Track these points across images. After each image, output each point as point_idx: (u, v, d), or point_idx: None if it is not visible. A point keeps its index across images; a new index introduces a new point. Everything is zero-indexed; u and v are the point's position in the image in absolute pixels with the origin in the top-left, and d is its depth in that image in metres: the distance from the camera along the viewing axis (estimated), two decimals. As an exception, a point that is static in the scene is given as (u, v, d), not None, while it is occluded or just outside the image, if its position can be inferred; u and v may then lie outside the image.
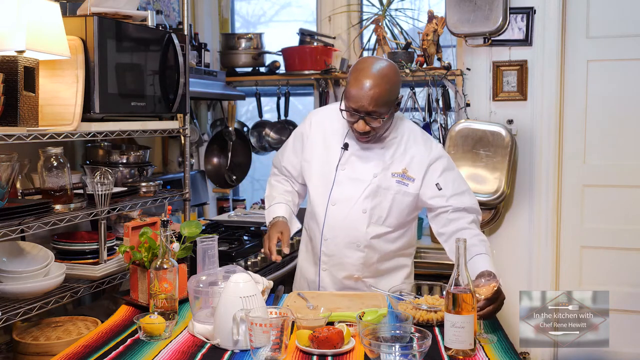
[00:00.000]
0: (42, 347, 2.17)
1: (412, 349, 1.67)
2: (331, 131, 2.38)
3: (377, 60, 2.23)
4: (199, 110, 4.19)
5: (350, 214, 2.31)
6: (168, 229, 2.00)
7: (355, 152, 2.32)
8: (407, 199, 2.30)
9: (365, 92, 2.13)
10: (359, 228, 2.31)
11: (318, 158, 2.38)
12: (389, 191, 2.29)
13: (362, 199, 2.29)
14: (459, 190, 2.31)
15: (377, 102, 2.14)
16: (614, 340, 1.96)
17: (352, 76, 2.19)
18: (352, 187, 2.31)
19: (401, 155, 2.31)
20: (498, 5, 3.29)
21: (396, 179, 2.29)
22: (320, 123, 2.43)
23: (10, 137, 2.00)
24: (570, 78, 3.40)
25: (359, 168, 2.31)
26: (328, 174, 2.34)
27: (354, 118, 2.20)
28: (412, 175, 2.29)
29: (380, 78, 2.15)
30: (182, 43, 2.79)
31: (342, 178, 2.32)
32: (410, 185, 2.29)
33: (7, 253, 2.21)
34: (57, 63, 2.27)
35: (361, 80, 2.15)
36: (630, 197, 3.37)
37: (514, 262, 3.43)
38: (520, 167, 3.44)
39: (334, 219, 2.32)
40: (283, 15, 4.46)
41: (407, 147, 2.32)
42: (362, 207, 2.30)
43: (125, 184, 2.77)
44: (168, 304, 1.97)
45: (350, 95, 2.16)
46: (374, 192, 2.29)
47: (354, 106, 2.17)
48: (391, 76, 2.19)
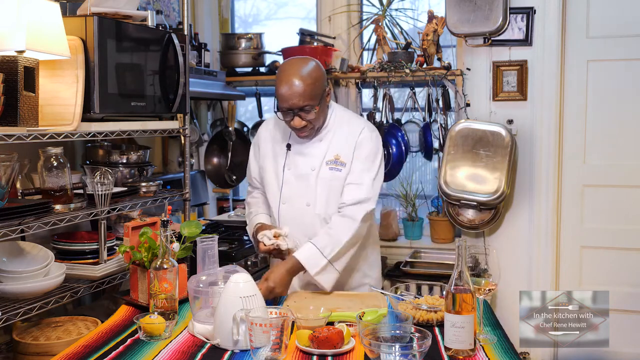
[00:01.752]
0: (42, 347, 2.18)
1: (412, 349, 1.67)
2: (279, 136, 2.52)
3: (298, 60, 2.38)
4: (199, 110, 4.19)
5: (298, 209, 2.43)
6: (168, 229, 2.00)
7: (297, 151, 2.46)
8: (341, 183, 2.40)
9: (293, 90, 2.27)
10: (307, 222, 2.42)
11: (270, 163, 2.50)
12: (324, 180, 2.41)
13: (305, 193, 2.43)
14: (357, 181, 2.38)
15: (305, 96, 2.27)
16: (614, 340, 1.96)
17: (278, 78, 2.33)
18: (297, 184, 2.44)
19: (334, 143, 2.42)
20: (498, 5, 3.29)
21: (330, 166, 2.41)
22: (269, 130, 2.56)
23: (10, 137, 2.00)
24: (570, 78, 3.40)
25: (300, 165, 2.44)
26: (278, 175, 2.47)
27: (289, 116, 2.33)
28: (344, 160, 2.41)
29: (303, 74, 2.29)
30: (182, 43, 2.79)
31: (288, 177, 2.46)
32: (342, 170, 2.40)
33: (7, 253, 2.21)
34: (57, 63, 2.27)
35: (287, 79, 2.29)
36: (630, 197, 3.37)
37: (514, 262, 3.43)
38: (520, 167, 3.44)
39: (285, 217, 2.45)
40: (280, 14, 4.46)
41: (339, 132, 2.44)
42: (306, 200, 2.43)
43: (125, 184, 2.77)
44: (168, 304, 1.97)
45: (280, 95, 2.30)
46: (314, 185, 2.41)
47: (286, 105, 2.30)
48: (313, 70, 2.32)
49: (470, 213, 3.41)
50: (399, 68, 3.53)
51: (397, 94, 4.00)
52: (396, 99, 3.92)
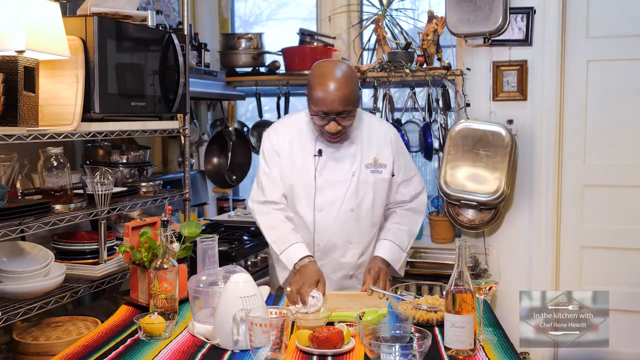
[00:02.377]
0: (42, 347, 2.17)
1: (412, 349, 1.67)
2: (298, 141, 2.41)
3: (334, 63, 2.36)
4: (199, 110, 4.19)
5: (338, 216, 2.37)
6: (168, 229, 2.00)
7: (329, 156, 2.38)
8: (384, 184, 2.43)
9: (333, 95, 2.21)
10: (350, 227, 2.38)
11: (297, 171, 2.39)
12: (368, 184, 2.39)
13: (347, 199, 2.37)
14: (408, 176, 2.49)
15: (346, 102, 2.23)
16: (614, 340, 1.96)
17: (316, 82, 2.26)
18: (334, 191, 2.38)
19: (368, 147, 2.42)
20: (498, 5, 3.29)
21: (371, 169, 2.40)
22: (284, 138, 2.43)
23: (10, 137, 2.00)
24: (570, 78, 3.40)
25: (337, 170, 2.39)
26: (308, 184, 2.37)
27: (325, 121, 2.27)
28: (383, 161, 2.42)
29: (344, 78, 2.24)
30: (182, 43, 2.79)
31: (322, 184, 2.38)
32: (384, 172, 2.42)
33: (7, 253, 2.21)
34: (57, 63, 2.27)
35: (326, 83, 2.23)
36: (630, 197, 3.37)
37: (514, 262, 3.43)
38: (520, 167, 3.44)
39: (323, 224, 2.37)
40: (281, 14, 4.46)
41: (370, 136, 2.43)
42: (349, 206, 2.37)
43: (125, 184, 2.77)
44: (168, 304, 1.97)
45: (319, 99, 2.23)
46: (356, 189, 2.38)
47: (325, 109, 2.24)
48: (352, 75, 2.30)
49: (470, 213, 3.42)
50: (399, 68, 3.53)
51: (397, 94, 4.00)
52: (396, 99, 3.92)
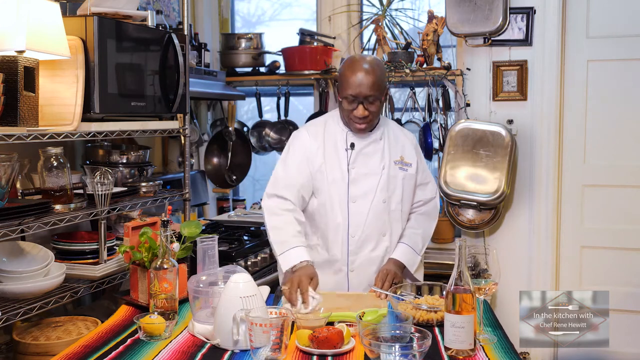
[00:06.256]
0: (42, 347, 2.18)
1: (412, 349, 1.67)
2: (330, 136, 2.50)
3: (365, 55, 2.47)
4: (199, 110, 4.19)
5: (372, 207, 2.46)
6: (168, 229, 2.00)
7: (360, 150, 2.48)
8: (411, 182, 2.54)
9: (362, 78, 2.34)
10: (383, 218, 2.48)
11: (332, 165, 2.47)
12: (397, 178, 2.50)
13: (379, 190, 2.46)
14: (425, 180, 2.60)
15: (374, 86, 2.35)
16: (614, 340, 1.96)
17: (347, 67, 2.40)
18: (367, 182, 2.47)
19: (394, 145, 2.53)
20: (498, 5, 3.29)
21: (398, 165, 2.51)
22: (316, 135, 2.51)
23: (10, 137, 2.00)
24: (570, 78, 3.40)
25: (368, 163, 2.48)
26: (341, 175, 2.46)
27: (353, 105, 2.38)
28: (409, 161, 2.54)
29: (373, 65, 2.39)
30: (182, 43, 2.79)
31: (355, 176, 2.47)
32: (409, 170, 2.53)
33: (7, 253, 2.21)
34: (57, 63, 2.27)
35: (357, 69, 2.36)
36: (630, 197, 3.37)
37: (514, 262, 3.43)
38: (520, 167, 3.44)
39: (358, 214, 2.45)
40: (284, 15, 4.47)
41: (395, 136, 2.55)
42: (382, 197, 2.47)
43: (125, 184, 2.77)
44: (168, 304, 1.97)
45: (348, 83, 2.36)
46: (387, 182, 2.47)
47: (353, 93, 2.35)
48: (380, 64, 2.45)
49: (470, 213, 3.42)
50: (399, 68, 3.53)
51: (397, 94, 4.00)
52: (396, 99, 3.92)
